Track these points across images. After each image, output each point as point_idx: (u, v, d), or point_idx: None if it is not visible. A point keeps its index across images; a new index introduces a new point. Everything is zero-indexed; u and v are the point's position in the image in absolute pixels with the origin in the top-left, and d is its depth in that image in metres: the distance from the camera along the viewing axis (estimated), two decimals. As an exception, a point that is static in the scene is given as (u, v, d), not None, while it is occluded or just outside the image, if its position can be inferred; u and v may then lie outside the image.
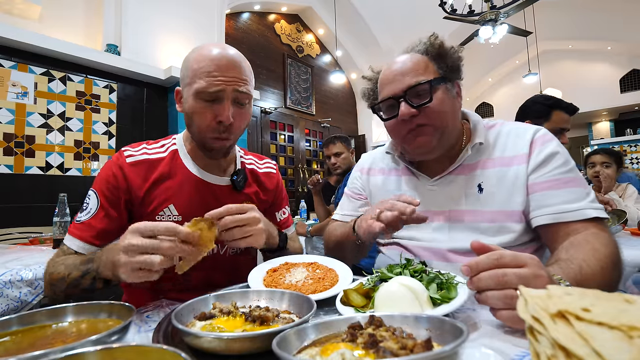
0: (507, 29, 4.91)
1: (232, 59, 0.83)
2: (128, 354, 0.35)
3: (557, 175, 0.80)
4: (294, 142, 6.23)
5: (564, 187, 0.79)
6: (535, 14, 7.12)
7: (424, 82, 0.82)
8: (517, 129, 0.89)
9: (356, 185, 1.11)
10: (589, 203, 0.77)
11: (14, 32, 2.61)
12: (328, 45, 7.12)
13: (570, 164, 0.82)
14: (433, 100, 0.82)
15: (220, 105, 0.82)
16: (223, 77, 0.80)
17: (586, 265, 0.65)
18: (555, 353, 0.26)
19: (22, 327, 0.48)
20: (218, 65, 0.81)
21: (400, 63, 0.87)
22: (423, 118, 0.84)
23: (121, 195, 0.85)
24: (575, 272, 0.63)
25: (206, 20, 4.08)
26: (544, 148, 0.83)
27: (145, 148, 0.91)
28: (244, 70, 0.85)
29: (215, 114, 0.82)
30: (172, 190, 0.89)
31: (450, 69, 0.87)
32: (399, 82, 0.85)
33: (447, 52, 0.87)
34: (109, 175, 0.85)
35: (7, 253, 1.52)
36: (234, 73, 0.82)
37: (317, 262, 0.82)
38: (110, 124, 3.25)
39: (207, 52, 0.83)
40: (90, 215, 0.83)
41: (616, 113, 9.86)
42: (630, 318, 0.25)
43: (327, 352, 0.38)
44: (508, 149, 0.87)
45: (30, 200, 2.73)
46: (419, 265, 0.68)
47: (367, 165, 1.11)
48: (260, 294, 0.61)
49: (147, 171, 0.88)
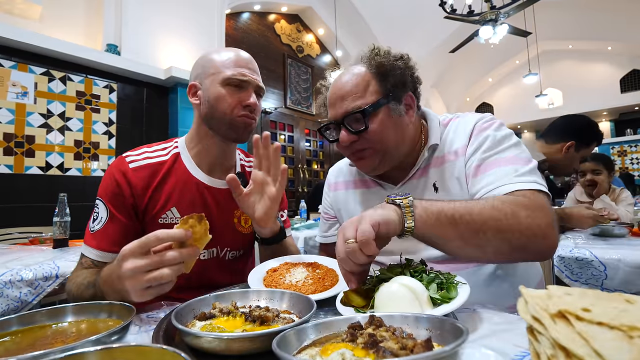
0: (507, 29, 4.91)
1: (250, 57, 0.95)
2: (128, 354, 0.35)
3: (482, 160, 0.78)
4: (294, 142, 6.23)
5: (488, 170, 0.76)
6: (536, 14, 7.12)
7: (358, 111, 0.81)
8: (464, 122, 0.87)
9: (325, 203, 1.12)
10: (515, 177, 0.71)
11: (14, 32, 2.62)
12: (328, 45, 7.11)
13: (501, 145, 0.78)
14: (370, 126, 0.81)
15: (245, 92, 0.89)
16: (248, 69, 0.90)
17: (462, 202, 0.65)
18: (555, 353, 0.26)
19: (22, 327, 0.48)
20: (241, 59, 0.91)
21: (341, 84, 0.85)
22: (363, 143, 0.83)
23: (127, 201, 0.85)
24: (443, 201, 0.65)
25: (206, 20, 4.08)
26: (479, 136, 0.82)
27: (147, 152, 0.92)
28: (258, 69, 0.96)
29: (242, 99, 0.89)
30: (174, 193, 0.89)
31: (394, 86, 0.83)
32: (339, 107, 0.85)
33: (388, 71, 0.83)
34: (112, 183, 0.85)
35: (7, 253, 1.51)
36: (254, 68, 0.93)
37: (317, 262, 0.82)
38: (110, 124, 3.25)
39: (228, 50, 0.92)
40: (103, 223, 0.83)
41: (616, 113, 9.86)
42: (630, 318, 0.25)
43: (327, 352, 0.38)
44: (454, 143, 0.86)
45: (30, 200, 2.74)
46: (419, 265, 0.68)
47: (333, 179, 1.10)
48: (260, 294, 0.61)
49: (151, 176, 0.88)
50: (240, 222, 0.98)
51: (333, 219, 1.09)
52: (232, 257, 0.97)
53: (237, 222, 0.97)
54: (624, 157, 9.03)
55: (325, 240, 1.12)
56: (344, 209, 1.03)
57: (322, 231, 1.13)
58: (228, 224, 0.96)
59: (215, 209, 0.93)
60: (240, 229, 0.98)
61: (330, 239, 1.10)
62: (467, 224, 0.63)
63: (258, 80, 0.92)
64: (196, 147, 0.94)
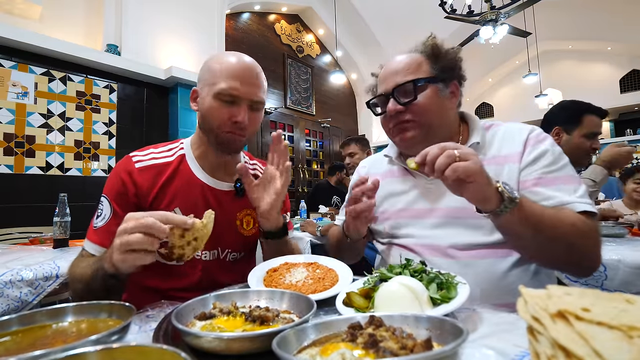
0: (507, 29, 4.92)
1: (250, 67, 0.89)
2: (128, 354, 0.35)
3: (544, 174, 0.82)
4: (294, 142, 6.23)
5: (551, 185, 0.80)
6: (535, 14, 7.12)
7: (410, 81, 0.88)
8: (512, 129, 0.91)
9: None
10: (577, 198, 0.78)
11: (14, 32, 2.62)
12: (328, 46, 7.12)
13: (560, 162, 0.83)
14: (418, 98, 0.88)
15: (237, 107, 0.86)
16: (242, 83, 0.86)
17: (550, 212, 0.72)
18: (555, 353, 0.27)
19: (22, 327, 0.48)
20: (238, 71, 0.87)
21: (395, 62, 0.93)
22: (408, 114, 0.89)
23: (131, 200, 0.87)
24: (536, 206, 0.71)
25: (206, 21, 4.09)
26: (536, 147, 0.85)
27: (153, 152, 0.93)
28: (259, 79, 0.90)
29: (232, 114, 0.86)
30: (179, 193, 0.91)
31: (443, 69, 0.90)
32: (390, 81, 0.91)
33: (441, 53, 0.91)
34: (118, 182, 0.87)
35: (7, 253, 1.51)
36: (251, 80, 0.88)
37: (317, 262, 0.82)
38: (111, 124, 3.25)
39: (228, 58, 0.88)
40: (106, 220, 0.85)
41: (616, 113, 9.85)
42: (630, 318, 0.25)
43: (327, 352, 0.38)
44: (503, 148, 0.89)
45: (30, 200, 2.74)
46: (418, 265, 0.68)
47: (365, 170, 1.14)
48: (260, 294, 0.61)
49: (156, 176, 0.90)
50: (242, 225, 0.98)
51: None
52: (233, 258, 0.98)
53: (239, 224, 0.98)
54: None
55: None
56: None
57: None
58: (230, 226, 0.96)
59: (218, 210, 0.92)
60: (242, 231, 0.98)
61: None
62: (549, 232, 0.71)
63: (254, 93, 0.88)
64: (199, 149, 0.96)
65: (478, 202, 0.70)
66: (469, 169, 0.65)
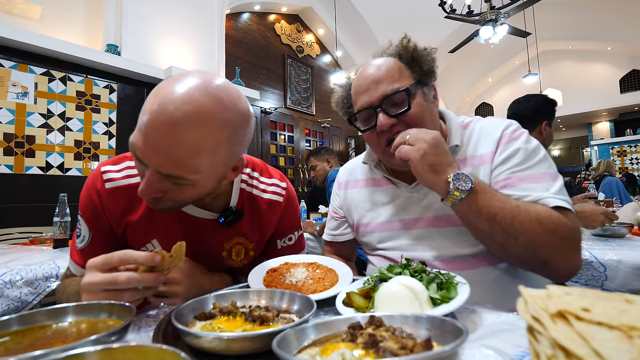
0: (507, 29, 4.92)
1: (167, 123, 0.56)
2: (128, 354, 0.35)
3: (513, 173, 0.78)
4: (294, 142, 6.23)
5: (520, 184, 0.76)
6: (535, 14, 7.13)
7: (402, 90, 0.80)
8: (488, 126, 0.87)
9: (334, 203, 1.10)
10: (550, 194, 0.73)
11: (14, 32, 2.61)
12: (328, 46, 7.12)
13: (533, 159, 0.78)
14: (412, 107, 0.80)
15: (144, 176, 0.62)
16: (147, 144, 0.58)
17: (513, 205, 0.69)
18: (555, 353, 0.26)
19: (22, 327, 0.48)
20: (148, 125, 0.57)
21: (374, 69, 0.83)
22: (402, 126, 0.81)
23: (105, 224, 0.78)
24: (496, 199, 0.70)
25: (206, 21, 4.09)
26: (508, 146, 0.81)
27: (129, 168, 0.77)
28: (178, 143, 0.57)
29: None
30: (155, 224, 0.78)
31: (425, 73, 0.84)
32: (374, 91, 0.82)
33: (421, 56, 0.83)
34: (89, 202, 0.76)
35: (7, 253, 1.52)
36: (161, 145, 0.57)
37: (317, 262, 0.82)
38: (111, 124, 3.25)
39: (149, 102, 0.59)
40: (85, 242, 0.78)
41: (616, 113, 9.87)
42: (630, 318, 0.25)
43: (327, 352, 0.38)
44: (479, 147, 0.85)
45: (30, 200, 2.74)
46: (418, 265, 0.68)
47: (344, 178, 1.08)
48: (260, 294, 0.61)
49: (127, 202, 0.75)
50: (230, 255, 0.85)
51: (342, 218, 1.08)
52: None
53: (226, 255, 0.85)
54: (623, 157, 9.03)
55: (332, 238, 1.10)
56: (354, 208, 1.01)
57: (330, 229, 1.11)
58: (216, 258, 0.84)
59: (201, 242, 0.81)
60: (230, 262, 0.86)
61: (338, 237, 1.09)
62: (504, 226, 0.68)
63: (161, 164, 0.58)
64: None
65: (429, 187, 0.73)
66: (408, 154, 0.70)
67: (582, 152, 11.00)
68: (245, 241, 0.86)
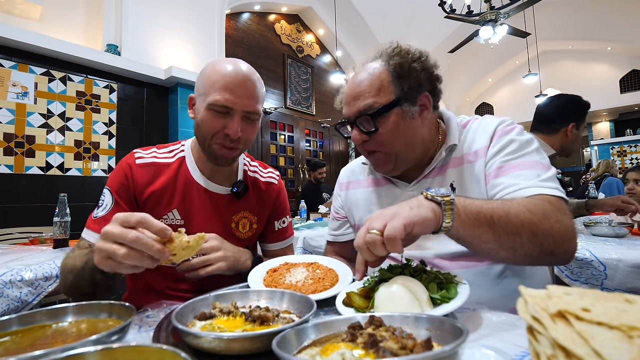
0: (507, 29, 4.92)
1: (245, 78, 0.85)
2: (128, 354, 0.35)
3: (505, 162, 0.78)
4: (294, 142, 6.23)
5: (512, 172, 0.76)
6: (535, 15, 7.12)
7: (371, 113, 0.80)
8: (484, 124, 0.88)
9: (336, 204, 1.12)
10: (539, 181, 0.72)
11: (14, 32, 2.62)
12: (328, 46, 7.12)
13: (525, 149, 0.79)
14: (380, 128, 0.81)
15: (230, 119, 0.84)
16: (235, 95, 0.83)
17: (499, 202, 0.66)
18: (555, 353, 0.27)
19: (22, 327, 0.48)
20: (232, 82, 0.83)
21: (357, 82, 0.84)
22: (373, 144, 0.84)
23: (130, 193, 0.89)
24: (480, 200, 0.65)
25: (206, 21, 4.09)
26: (502, 138, 0.82)
27: (156, 152, 0.95)
28: (255, 89, 0.87)
29: (225, 126, 0.84)
30: (177, 195, 0.92)
31: (410, 88, 0.81)
32: (352, 105, 0.84)
33: (406, 72, 0.81)
34: (120, 174, 0.89)
35: (7, 253, 1.51)
36: (246, 92, 0.84)
37: (317, 262, 0.82)
38: (111, 124, 3.25)
39: (223, 68, 0.85)
40: (107, 210, 0.86)
41: (616, 113, 9.86)
42: (630, 318, 0.25)
43: (327, 352, 0.38)
44: (474, 144, 0.86)
45: (30, 200, 2.74)
46: (419, 265, 0.68)
47: (345, 179, 1.10)
48: (260, 294, 0.61)
49: (154, 174, 0.91)
50: (237, 227, 0.99)
51: (343, 219, 1.09)
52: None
53: (234, 227, 0.98)
54: (623, 157, 9.03)
55: (334, 238, 1.11)
56: (355, 208, 1.03)
57: (332, 229, 1.12)
58: (226, 229, 0.96)
59: (214, 213, 0.95)
60: (237, 234, 0.98)
61: (339, 237, 1.10)
62: (505, 226, 0.63)
63: (248, 105, 0.85)
64: (197, 153, 0.97)
65: (426, 226, 0.59)
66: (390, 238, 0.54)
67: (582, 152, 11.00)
68: (249, 215, 1.01)
